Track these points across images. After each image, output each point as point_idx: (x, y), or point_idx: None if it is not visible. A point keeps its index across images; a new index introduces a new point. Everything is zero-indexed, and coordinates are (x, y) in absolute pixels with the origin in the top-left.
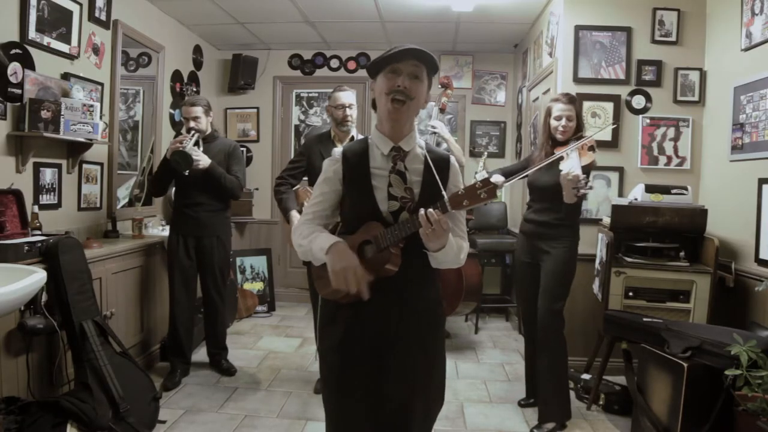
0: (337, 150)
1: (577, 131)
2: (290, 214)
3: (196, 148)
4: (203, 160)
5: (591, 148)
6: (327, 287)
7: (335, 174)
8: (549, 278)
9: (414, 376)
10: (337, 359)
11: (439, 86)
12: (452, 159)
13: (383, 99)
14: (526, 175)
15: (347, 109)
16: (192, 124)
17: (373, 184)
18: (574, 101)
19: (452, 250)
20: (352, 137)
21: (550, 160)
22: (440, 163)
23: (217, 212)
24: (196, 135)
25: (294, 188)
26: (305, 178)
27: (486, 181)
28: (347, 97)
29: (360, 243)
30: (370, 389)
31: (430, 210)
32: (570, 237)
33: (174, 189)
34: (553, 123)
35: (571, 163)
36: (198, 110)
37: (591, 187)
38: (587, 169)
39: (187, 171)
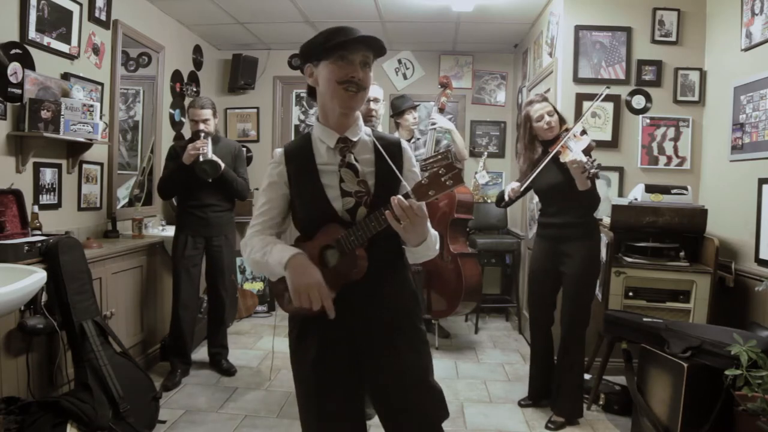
0: (278, 150)
1: (562, 125)
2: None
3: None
4: (221, 165)
5: (583, 132)
6: (287, 305)
7: (280, 177)
8: (573, 282)
9: (408, 377)
10: (313, 379)
11: (439, 86)
12: (403, 143)
13: (332, 87)
14: (532, 177)
15: (371, 103)
16: (202, 126)
17: (322, 183)
18: (546, 98)
19: (431, 240)
20: None
21: (547, 159)
22: (392, 149)
23: (225, 212)
24: (209, 138)
25: None
26: None
27: (450, 166)
28: (372, 90)
29: (320, 249)
30: (352, 409)
31: (400, 197)
32: (591, 236)
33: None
34: (537, 125)
35: (572, 153)
36: (208, 112)
37: (599, 165)
38: (587, 151)
39: (211, 178)
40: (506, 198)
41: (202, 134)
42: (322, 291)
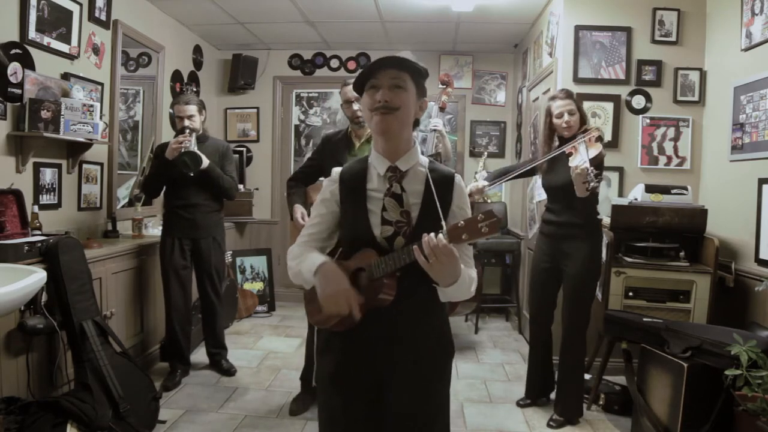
0: (336, 170)
1: (582, 124)
2: (294, 208)
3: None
4: (204, 160)
5: (599, 139)
6: (317, 314)
7: (332, 195)
8: (572, 282)
9: (412, 425)
10: (331, 389)
11: (440, 84)
12: (457, 178)
13: (368, 115)
14: (525, 171)
15: (354, 104)
16: (186, 122)
17: (368, 208)
18: (572, 95)
19: (465, 283)
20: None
21: (553, 154)
22: (443, 183)
23: (212, 213)
24: (194, 134)
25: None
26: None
27: (489, 213)
28: (353, 91)
29: (354, 270)
30: (368, 427)
31: (431, 235)
32: (592, 237)
33: (164, 190)
34: (556, 121)
35: (580, 158)
36: (192, 108)
37: (601, 179)
38: (596, 161)
39: (193, 172)
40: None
41: (187, 130)
42: (349, 296)
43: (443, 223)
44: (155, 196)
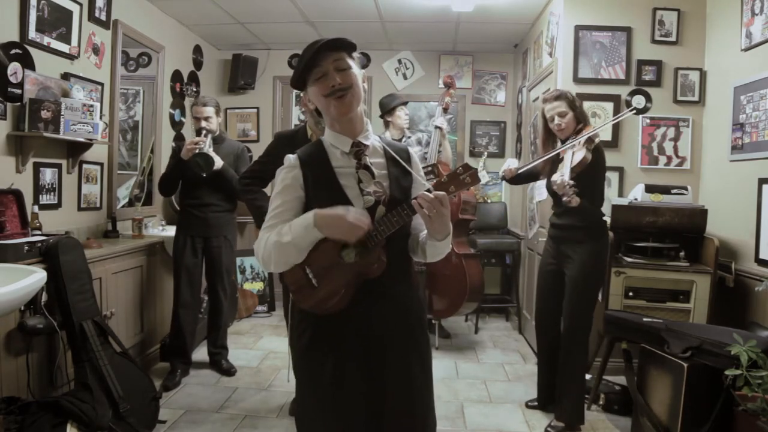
0: (290, 156)
1: (578, 124)
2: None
3: (209, 149)
4: (218, 161)
5: (588, 141)
6: (311, 297)
7: (295, 180)
8: (573, 285)
9: (411, 382)
10: (330, 398)
11: (443, 86)
12: (410, 149)
13: (323, 102)
14: (530, 166)
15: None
16: (204, 123)
17: (341, 183)
18: (563, 96)
19: (450, 238)
20: None
21: (546, 157)
22: (401, 155)
23: (225, 213)
24: (210, 136)
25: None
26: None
27: (466, 166)
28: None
29: (340, 247)
30: (368, 410)
31: (424, 193)
32: (594, 240)
33: (179, 189)
34: (550, 125)
35: (561, 170)
36: (210, 110)
37: (575, 192)
38: (579, 167)
39: (206, 173)
40: (501, 173)
41: (203, 131)
42: (355, 212)
43: (425, 182)
44: (171, 194)
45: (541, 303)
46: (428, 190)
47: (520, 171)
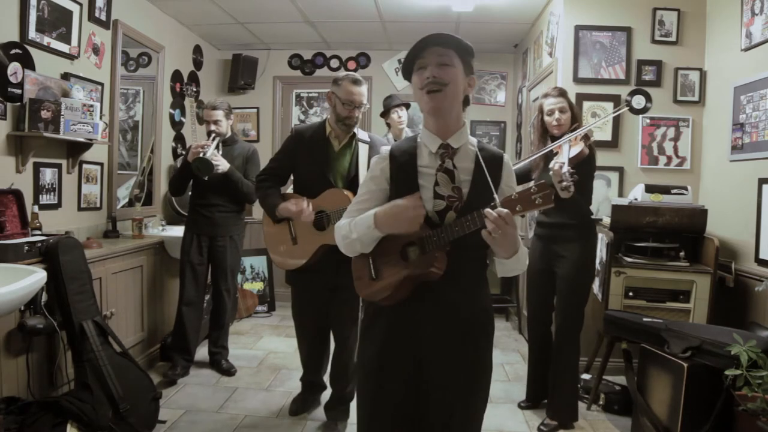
0: (385, 148)
1: (573, 123)
2: (285, 205)
3: (216, 152)
4: (222, 165)
5: (585, 138)
6: (367, 287)
7: (382, 172)
8: (564, 284)
9: (455, 395)
10: (376, 366)
11: None
12: (506, 157)
13: (418, 95)
14: (521, 164)
15: (356, 110)
16: (213, 127)
17: (419, 183)
18: (565, 93)
19: (522, 255)
20: (353, 136)
21: (540, 153)
22: (492, 162)
23: (231, 213)
24: (217, 139)
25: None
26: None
27: (542, 186)
28: (362, 93)
29: (404, 244)
30: (408, 404)
31: (488, 209)
32: (584, 238)
33: (191, 189)
34: (547, 119)
35: (558, 158)
36: (219, 114)
37: (574, 181)
38: (576, 159)
39: (206, 177)
40: None
41: (212, 135)
42: (411, 201)
43: (496, 196)
44: (180, 194)
45: (532, 303)
46: (493, 206)
47: (513, 169)
